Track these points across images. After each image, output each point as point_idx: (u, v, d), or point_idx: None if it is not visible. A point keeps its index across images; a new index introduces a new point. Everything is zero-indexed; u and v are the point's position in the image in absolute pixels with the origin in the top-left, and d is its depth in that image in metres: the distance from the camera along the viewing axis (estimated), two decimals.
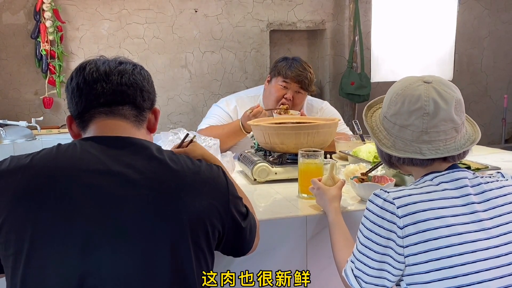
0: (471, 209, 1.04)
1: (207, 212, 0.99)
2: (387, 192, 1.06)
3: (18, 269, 0.91)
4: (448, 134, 1.08)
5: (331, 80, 4.36)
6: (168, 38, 3.90)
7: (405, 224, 1.01)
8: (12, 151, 2.96)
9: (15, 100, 3.68)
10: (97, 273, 0.90)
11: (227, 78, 4.09)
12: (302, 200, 1.53)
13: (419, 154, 1.09)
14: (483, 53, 4.70)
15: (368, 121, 1.23)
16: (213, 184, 1.03)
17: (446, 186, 1.06)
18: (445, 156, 1.08)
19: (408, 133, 1.10)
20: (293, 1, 4.15)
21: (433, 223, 1.00)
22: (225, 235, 1.05)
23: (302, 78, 2.25)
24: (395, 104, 1.12)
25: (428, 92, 1.08)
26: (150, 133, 1.12)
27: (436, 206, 1.02)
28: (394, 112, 1.12)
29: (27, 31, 3.62)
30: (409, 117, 1.09)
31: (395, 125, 1.12)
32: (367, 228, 1.06)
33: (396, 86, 1.15)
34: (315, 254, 1.38)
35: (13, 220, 0.91)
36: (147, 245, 0.93)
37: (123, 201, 0.93)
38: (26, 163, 0.96)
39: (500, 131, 4.63)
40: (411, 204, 1.02)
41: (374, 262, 1.04)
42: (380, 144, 1.15)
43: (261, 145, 1.89)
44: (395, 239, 1.02)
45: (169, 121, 3.99)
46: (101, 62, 1.07)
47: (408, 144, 1.11)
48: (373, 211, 1.06)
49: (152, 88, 1.12)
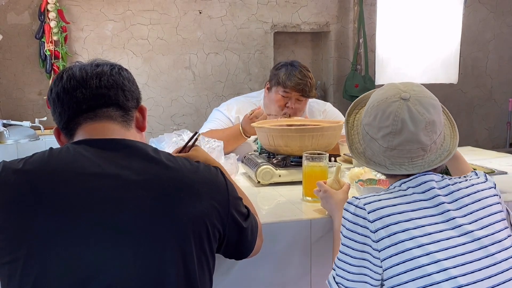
0: (440, 209, 1.06)
1: (207, 213, 0.98)
2: (358, 199, 1.08)
3: (14, 277, 0.88)
4: (413, 153, 1.09)
5: (335, 82, 4.35)
6: (172, 39, 3.90)
7: (376, 228, 1.03)
8: (16, 151, 2.96)
9: (19, 100, 3.68)
10: (100, 277, 0.88)
11: (230, 80, 4.09)
12: (306, 203, 1.52)
13: (383, 167, 1.13)
14: (488, 56, 4.68)
15: (349, 120, 1.24)
16: (212, 184, 1.02)
17: (414, 191, 1.08)
18: (409, 173, 1.10)
19: (376, 145, 1.12)
20: (298, 3, 4.14)
21: (403, 225, 1.02)
22: (226, 236, 1.04)
23: (302, 86, 2.23)
24: (369, 115, 1.13)
25: (400, 112, 1.08)
26: (140, 132, 1.10)
27: (406, 209, 1.05)
28: (368, 123, 1.14)
29: (31, 32, 3.62)
30: (378, 132, 1.11)
31: (367, 134, 1.15)
32: (343, 236, 1.08)
33: (375, 95, 1.15)
34: (320, 258, 1.37)
35: (7, 226, 0.89)
36: (149, 248, 0.92)
37: (121, 204, 0.91)
38: (19, 168, 0.93)
39: (504, 134, 4.60)
40: (381, 209, 1.04)
41: (353, 267, 1.06)
42: (351, 150, 1.19)
43: (265, 147, 1.88)
44: (370, 243, 1.04)
45: (172, 122, 3.99)
46: (77, 68, 1.05)
47: (375, 155, 1.13)
48: (347, 219, 1.08)
49: (135, 86, 1.09)
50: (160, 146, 1.62)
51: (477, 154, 2.28)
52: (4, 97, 3.66)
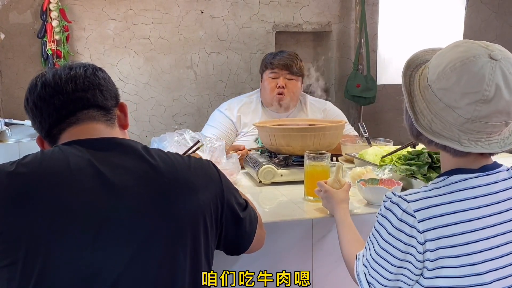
0: (495, 209, 0.96)
1: (204, 206, 0.99)
2: (406, 201, 0.96)
3: (14, 279, 0.87)
4: (495, 128, 0.93)
5: (336, 82, 4.35)
6: (174, 38, 3.90)
7: (426, 239, 0.94)
8: (18, 150, 2.97)
9: (20, 100, 3.63)
10: (102, 277, 0.88)
11: (232, 80, 4.09)
12: (308, 202, 1.52)
13: (457, 143, 0.94)
14: None
15: (406, 82, 1.02)
16: (205, 176, 1.03)
17: (476, 192, 0.96)
18: (485, 152, 0.95)
19: (452, 115, 0.94)
20: (299, 3, 4.14)
21: (457, 240, 0.93)
22: (224, 227, 1.04)
23: (287, 62, 2.30)
24: (448, 77, 0.93)
25: (494, 75, 0.89)
26: (123, 130, 1.09)
27: (462, 218, 0.93)
28: (444, 87, 0.94)
29: (33, 31, 3.62)
30: (461, 99, 0.92)
31: (440, 102, 0.95)
32: (383, 239, 0.99)
33: (454, 54, 0.95)
34: (321, 257, 1.37)
35: (4, 229, 0.88)
36: (149, 245, 0.92)
37: (118, 203, 0.91)
38: (11, 170, 0.91)
39: None
40: (435, 218, 0.93)
41: (390, 274, 1.00)
42: (416, 120, 0.98)
43: (267, 146, 1.88)
44: (414, 253, 0.96)
45: (174, 122, 3.99)
46: (51, 74, 1.03)
47: (447, 127, 0.95)
48: (391, 222, 0.97)
49: (111, 85, 1.08)
50: (162, 145, 1.62)
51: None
52: (6, 96, 3.67)
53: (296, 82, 2.35)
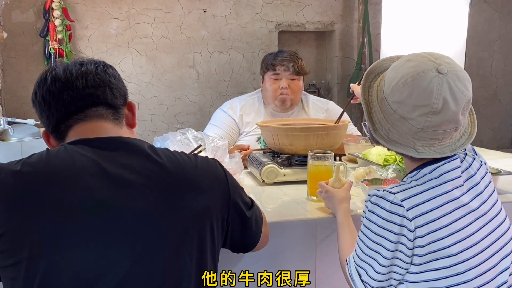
0: (470, 197, 1.04)
1: (210, 205, 0.98)
2: (392, 193, 1.02)
3: (18, 279, 0.87)
4: (446, 134, 1.02)
5: (339, 81, 4.34)
6: (176, 38, 3.90)
7: (416, 225, 0.99)
8: (20, 149, 2.97)
9: (23, 98, 3.69)
10: (107, 277, 0.88)
11: (234, 79, 4.09)
12: (311, 202, 1.51)
13: (412, 150, 1.03)
14: (493, 56, 4.66)
15: (365, 95, 1.10)
16: (212, 176, 1.02)
17: (447, 177, 1.03)
18: (438, 156, 1.03)
19: (407, 125, 1.01)
20: (302, 2, 4.13)
21: (442, 221, 0.99)
22: (230, 226, 1.04)
23: (289, 62, 2.28)
24: (401, 91, 1.00)
25: (441, 89, 0.97)
26: (131, 129, 1.08)
27: (442, 201, 1.01)
28: (398, 100, 1.01)
29: (36, 30, 3.63)
30: (413, 111, 0.99)
31: (395, 113, 1.02)
32: (375, 233, 1.03)
33: (405, 69, 1.02)
34: (325, 258, 1.37)
35: (8, 229, 0.87)
36: (154, 245, 0.91)
37: (124, 202, 0.91)
38: (17, 169, 0.90)
39: (509, 135, 4.58)
40: (420, 205, 1.00)
41: (383, 268, 1.02)
42: (374, 130, 1.07)
43: (270, 146, 1.88)
44: (405, 242, 1.00)
45: (176, 121, 3.99)
46: (61, 69, 1.01)
47: (403, 136, 1.03)
48: (380, 215, 1.02)
49: (121, 83, 1.06)
50: (164, 144, 1.61)
51: (482, 155, 2.26)
52: (8, 95, 3.67)
53: (298, 82, 2.35)
